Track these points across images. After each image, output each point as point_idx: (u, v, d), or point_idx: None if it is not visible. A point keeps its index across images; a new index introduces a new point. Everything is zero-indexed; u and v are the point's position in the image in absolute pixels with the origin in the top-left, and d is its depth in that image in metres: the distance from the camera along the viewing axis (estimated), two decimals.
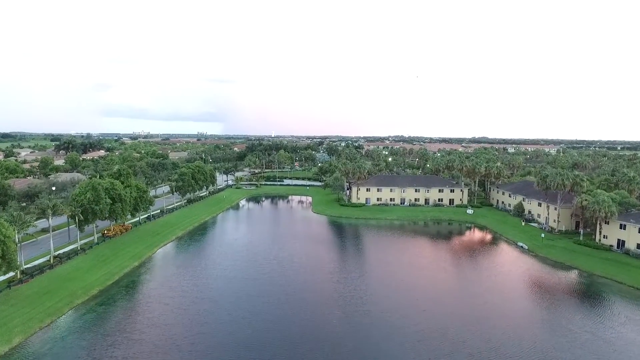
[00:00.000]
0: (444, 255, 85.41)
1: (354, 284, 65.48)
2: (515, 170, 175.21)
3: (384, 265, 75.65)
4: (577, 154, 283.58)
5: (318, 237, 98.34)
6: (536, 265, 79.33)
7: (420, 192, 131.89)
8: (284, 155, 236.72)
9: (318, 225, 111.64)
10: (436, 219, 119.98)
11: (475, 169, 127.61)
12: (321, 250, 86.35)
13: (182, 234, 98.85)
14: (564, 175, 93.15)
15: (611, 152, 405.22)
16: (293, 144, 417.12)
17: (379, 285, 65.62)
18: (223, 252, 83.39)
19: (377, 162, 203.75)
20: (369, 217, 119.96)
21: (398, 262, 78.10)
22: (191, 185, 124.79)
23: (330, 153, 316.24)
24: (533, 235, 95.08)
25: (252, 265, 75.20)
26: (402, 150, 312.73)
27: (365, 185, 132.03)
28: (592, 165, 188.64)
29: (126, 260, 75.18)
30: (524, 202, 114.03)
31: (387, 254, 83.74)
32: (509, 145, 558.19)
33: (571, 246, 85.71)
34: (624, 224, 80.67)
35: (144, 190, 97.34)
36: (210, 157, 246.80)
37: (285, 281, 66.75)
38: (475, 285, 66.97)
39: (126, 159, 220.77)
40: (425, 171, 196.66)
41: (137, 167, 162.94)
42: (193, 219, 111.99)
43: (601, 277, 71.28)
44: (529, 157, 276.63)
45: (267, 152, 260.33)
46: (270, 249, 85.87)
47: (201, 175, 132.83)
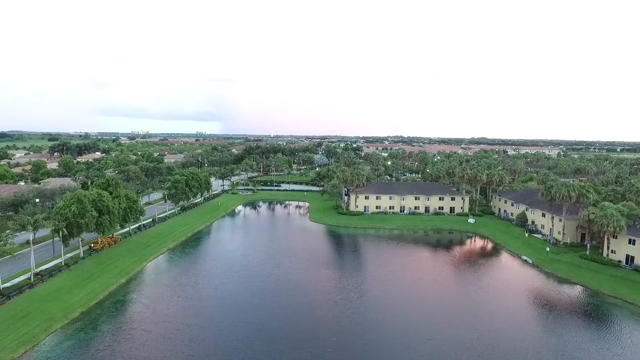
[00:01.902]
0: (447, 272, 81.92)
1: (352, 307, 61.95)
2: (517, 176, 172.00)
3: (385, 284, 72.06)
4: (578, 158, 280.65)
5: (315, 250, 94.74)
6: (542, 282, 75.96)
7: (420, 199, 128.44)
8: (281, 158, 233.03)
9: (315, 236, 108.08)
10: (437, 228, 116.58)
11: (477, 177, 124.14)
12: (318, 266, 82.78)
13: (173, 245, 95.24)
14: (569, 186, 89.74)
15: (612, 155, 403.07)
16: (291, 145, 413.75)
17: (380, 308, 62.07)
18: (215, 267, 79.80)
19: (376, 166, 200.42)
20: (367, 227, 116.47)
21: (399, 281, 74.53)
22: (184, 193, 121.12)
23: (328, 155, 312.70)
24: (538, 249, 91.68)
25: (245, 283, 71.61)
26: (401, 152, 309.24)
27: (364, 192, 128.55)
28: (595, 170, 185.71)
29: (112, 277, 71.58)
30: (528, 212, 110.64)
31: (387, 271, 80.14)
32: (509, 147, 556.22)
33: (577, 261, 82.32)
34: (634, 239, 77.29)
35: (134, 200, 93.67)
36: (206, 160, 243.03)
37: (280, 304, 63.10)
38: (481, 308, 63.41)
39: (121, 162, 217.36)
40: (425, 176, 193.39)
41: (131, 172, 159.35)
42: (186, 229, 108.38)
43: (610, 297, 67.97)
44: (530, 161, 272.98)
45: (265, 155, 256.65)
46: (264, 265, 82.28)
47: (195, 182, 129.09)
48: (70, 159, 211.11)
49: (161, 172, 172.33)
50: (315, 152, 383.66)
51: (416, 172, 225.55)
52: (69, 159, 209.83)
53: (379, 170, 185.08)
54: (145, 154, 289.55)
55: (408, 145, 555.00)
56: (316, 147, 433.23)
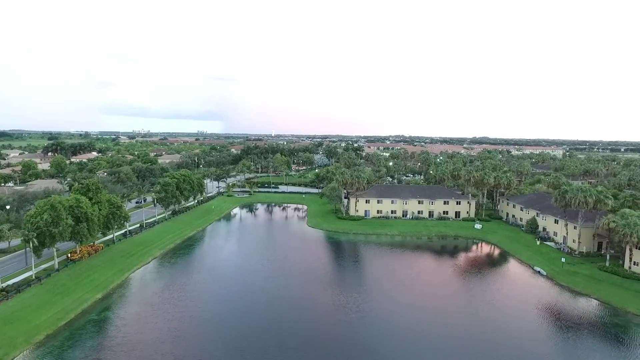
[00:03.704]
0: (455, 286, 75.45)
1: (352, 330, 55.44)
2: (524, 178, 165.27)
3: (387, 302, 65.33)
4: (585, 159, 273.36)
5: (312, 260, 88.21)
6: (559, 298, 69.34)
7: (424, 203, 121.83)
8: (280, 159, 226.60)
9: (313, 244, 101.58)
10: (441, 234, 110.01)
11: (484, 180, 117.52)
12: (315, 279, 76.27)
13: (160, 253, 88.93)
14: (586, 191, 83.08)
15: (619, 155, 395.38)
16: (291, 145, 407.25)
17: (383, 331, 55.62)
18: (202, 281, 73.41)
19: (377, 167, 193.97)
20: (368, 233, 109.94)
21: (403, 297, 67.87)
22: (175, 197, 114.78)
23: (329, 156, 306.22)
24: (551, 259, 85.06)
25: (234, 301, 65.20)
26: (403, 153, 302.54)
27: (365, 196, 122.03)
28: (605, 172, 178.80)
29: (88, 292, 65.27)
30: (538, 218, 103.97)
31: (390, 285, 73.43)
32: (511, 147, 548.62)
33: (596, 273, 75.67)
34: None
35: (118, 205, 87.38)
36: (203, 161, 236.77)
37: (270, 325, 56.70)
38: (495, 330, 56.92)
39: (115, 163, 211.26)
40: (428, 177, 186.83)
41: (122, 173, 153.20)
42: (175, 235, 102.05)
43: (637, 316, 61.35)
44: (535, 161, 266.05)
45: (264, 155, 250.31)
46: (257, 277, 75.89)
47: (187, 185, 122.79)
48: (62, 160, 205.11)
49: (154, 174, 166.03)
50: (315, 152, 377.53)
51: (418, 173, 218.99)
52: (61, 160, 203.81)
53: (381, 171, 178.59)
54: (141, 154, 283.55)
55: (410, 145, 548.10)
56: (316, 146, 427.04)
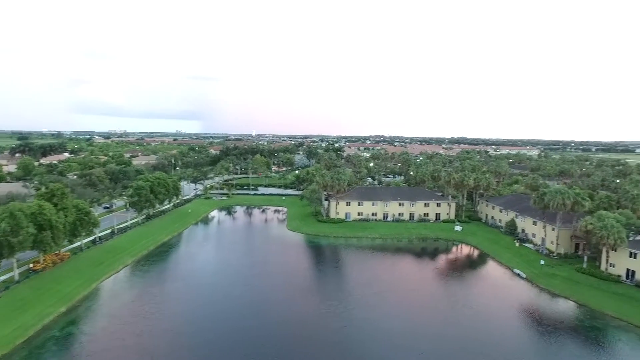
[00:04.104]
0: (436, 292, 74.75)
1: (333, 340, 53.48)
2: (502, 179, 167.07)
3: (369, 310, 63.59)
4: (560, 159, 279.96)
5: (291, 266, 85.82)
6: (538, 300, 69.32)
7: (405, 205, 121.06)
8: (260, 160, 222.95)
9: (292, 248, 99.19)
10: (422, 236, 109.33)
11: (464, 181, 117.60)
12: (294, 286, 74.03)
13: (132, 261, 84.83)
14: (564, 193, 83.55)
15: (591, 155, 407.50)
16: (271, 146, 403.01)
17: (364, 341, 53.88)
18: (175, 291, 70.04)
19: (358, 168, 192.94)
20: (349, 236, 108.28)
21: (384, 304, 66.29)
22: (149, 200, 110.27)
23: (309, 156, 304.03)
24: (530, 261, 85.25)
25: (210, 312, 62.26)
26: (383, 153, 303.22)
27: (345, 198, 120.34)
28: (579, 172, 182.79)
29: (51, 305, 61.12)
30: (517, 219, 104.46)
31: (371, 291, 71.69)
32: (489, 147, 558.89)
33: (575, 276, 76.03)
34: (635, 253, 71.38)
35: (86, 211, 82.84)
36: (180, 162, 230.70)
37: (249, 338, 54.16)
38: (475, 335, 55.89)
39: (87, 165, 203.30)
40: (408, 178, 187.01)
41: (94, 176, 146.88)
42: (149, 241, 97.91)
43: (615, 319, 61.53)
44: (512, 162, 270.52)
45: (243, 156, 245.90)
46: (234, 286, 73.14)
47: (162, 188, 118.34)
48: (30, 161, 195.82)
49: (128, 176, 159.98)
50: (296, 152, 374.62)
51: (399, 174, 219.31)
52: (29, 161, 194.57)
53: (361, 172, 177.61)
54: (116, 155, 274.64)
55: (390, 145, 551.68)
56: (297, 147, 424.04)
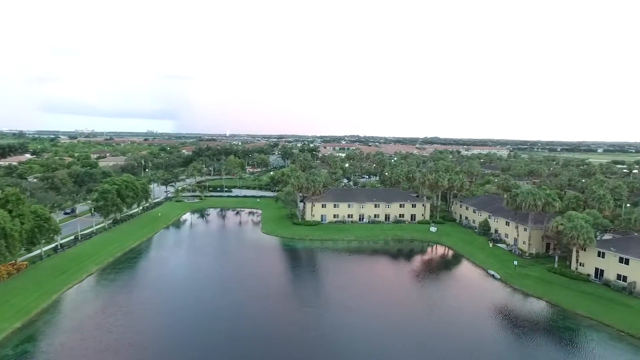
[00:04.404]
0: (412, 295, 74.32)
1: (311, 350, 51.74)
2: (474, 179, 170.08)
3: (346, 316, 62.37)
4: (528, 159, 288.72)
5: (266, 271, 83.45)
6: (512, 301, 69.98)
7: (380, 207, 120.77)
8: (234, 161, 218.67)
9: (267, 252, 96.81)
10: (398, 238, 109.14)
11: (438, 182, 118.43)
12: (269, 292, 71.81)
13: (96, 269, 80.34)
14: (536, 194, 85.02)
15: (557, 155, 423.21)
16: (245, 146, 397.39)
17: (342, 350, 52.41)
18: (143, 301, 66.42)
19: (333, 169, 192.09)
20: (325, 238, 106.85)
21: (361, 310, 65.02)
22: (116, 205, 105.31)
23: (284, 157, 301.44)
24: (504, 261, 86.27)
25: (179, 322, 59.27)
26: (358, 153, 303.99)
27: (321, 200, 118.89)
28: (547, 172, 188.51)
29: (4, 321, 56.47)
30: (490, 220, 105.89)
31: (348, 295, 70.62)
32: (461, 147, 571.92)
33: (547, 275, 77.35)
34: (603, 252, 73.20)
35: (46, 217, 77.88)
36: (151, 163, 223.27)
37: (221, 350, 51.70)
38: (452, 337, 55.44)
39: (50, 167, 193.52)
40: (383, 179, 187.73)
41: (57, 178, 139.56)
42: (115, 247, 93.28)
43: (586, 318, 62.61)
44: (483, 162, 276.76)
45: (216, 157, 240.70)
46: (205, 293, 70.23)
47: (130, 192, 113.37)
48: None
49: (94, 178, 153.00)
50: (270, 152, 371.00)
51: (374, 174, 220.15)
52: None
53: (337, 173, 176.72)
54: (82, 156, 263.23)
55: (365, 145, 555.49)
56: (272, 147, 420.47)
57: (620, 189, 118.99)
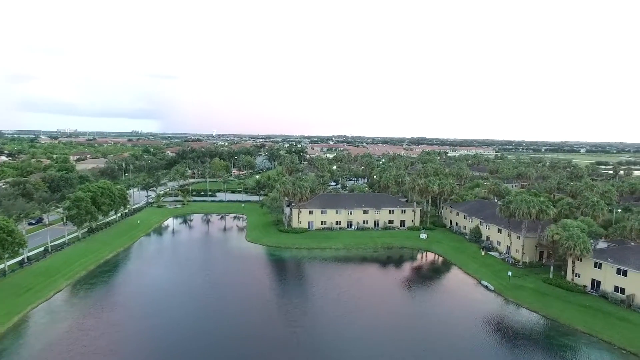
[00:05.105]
0: (403, 310, 70.62)
1: None
2: (463, 182, 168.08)
3: (335, 335, 58.53)
4: (516, 161, 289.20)
5: (250, 285, 78.78)
6: (508, 315, 66.79)
7: (369, 213, 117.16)
8: (218, 163, 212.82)
9: (252, 262, 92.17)
10: (387, 245, 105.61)
11: (429, 188, 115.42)
12: (252, 309, 67.38)
13: (66, 285, 74.73)
14: (530, 202, 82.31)
15: (543, 156, 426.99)
16: (232, 147, 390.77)
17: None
18: (115, 322, 61.18)
19: (321, 172, 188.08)
20: (312, 247, 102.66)
21: (350, 329, 61.32)
22: (90, 213, 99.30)
23: (271, 158, 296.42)
24: (497, 271, 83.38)
25: (154, 346, 54.49)
26: (346, 155, 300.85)
27: (308, 206, 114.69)
28: (535, 175, 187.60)
29: None
30: (482, 227, 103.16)
31: (336, 316, 66.73)
32: (447, 148, 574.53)
33: (542, 287, 74.59)
34: (600, 263, 70.71)
35: (10, 229, 71.93)
36: (132, 166, 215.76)
37: None
38: (446, 355, 52.02)
39: (24, 170, 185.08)
40: (371, 181, 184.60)
41: (30, 183, 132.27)
42: (89, 259, 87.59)
43: (585, 334, 59.83)
44: (471, 163, 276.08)
45: (201, 159, 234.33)
46: (184, 309, 65.43)
47: (106, 198, 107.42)
48: None
49: (71, 183, 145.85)
50: (257, 154, 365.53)
51: (362, 177, 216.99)
52: None
53: (324, 176, 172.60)
54: (60, 158, 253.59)
55: (352, 146, 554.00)
56: (259, 148, 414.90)
57: (611, 194, 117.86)
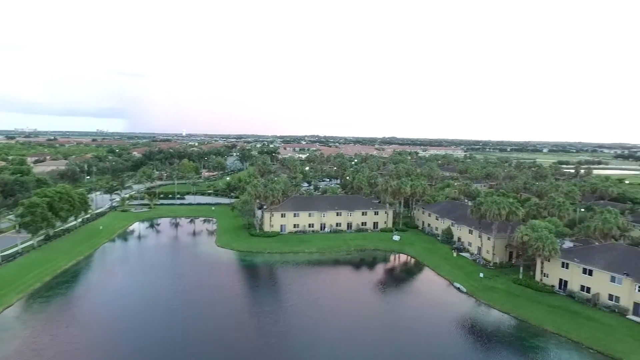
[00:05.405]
0: (376, 313, 69.65)
1: None
2: (434, 182, 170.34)
3: (309, 342, 56.71)
4: (484, 161, 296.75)
5: (220, 294, 75.66)
6: (480, 317, 67.17)
7: (342, 215, 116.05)
8: (187, 165, 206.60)
9: (221, 270, 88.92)
10: (361, 248, 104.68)
11: (401, 189, 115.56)
12: (223, 323, 64.61)
13: (17, 300, 69.05)
14: (500, 204, 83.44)
15: (509, 156, 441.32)
16: (202, 147, 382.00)
17: None
18: (69, 340, 56.82)
19: (293, 173, 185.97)
20: (285, 251, 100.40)
21: (323, 339, 59.74)
22: (46, 219, 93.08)
23: (243, 159, 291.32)
24: (469, 272, 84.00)
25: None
26: (319, 156, 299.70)
27: (280, 209, 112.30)
28: (503, 175, 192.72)
29: None
30: (453, 228, 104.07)
31: (311, 321, 65.00)
32: (418, 148, 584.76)
33: (512, 288, 75.58)
34: (567, 263, 72.29)
35: None
36: (95, 168, 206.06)
37: None
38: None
39: None
40: (344, 182, 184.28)
41: None
42: (44, 270, 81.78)
43: (554, 335, 60.70)
44: (441, 163, 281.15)
45: (169, 160, 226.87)
46: (147, 325, 61.86)
47: (65, 204, 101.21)
48: None
49: (27, 187, 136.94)
50: (229, 154, 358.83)
51: (335, 178, 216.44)
52: None
53: (297, 178, 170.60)
54: (16, 160, 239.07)
55: (325, 146, 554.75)
56: (230, 149, 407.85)
57: (574, 193, 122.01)
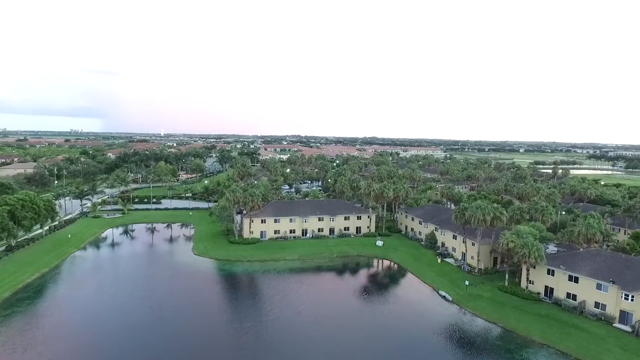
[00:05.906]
0: (359, 325, 66.71)
1: None
2: (416, 184, 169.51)
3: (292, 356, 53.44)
4: (464, 162, 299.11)
5: (196, 309, 71.42)
6: (467, 328, 65.16)
7: (325, 220, 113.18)
8: (164, 167, 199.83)
9: (198, 281, 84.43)
10: (344, 254, 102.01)
11: (384, 193, 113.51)
12: (199, 343, 60.63)
13: None
14: (484, 209, 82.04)
15: (487, 155, 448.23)
16: (180, 148, 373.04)
17: None
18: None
19: (274, 175, 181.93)
20: (265, 259, 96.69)
21: (307, 352, 56.59)
22: (7, 229, 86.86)
23: (222, 161, 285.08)
24: (454, 279, 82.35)
25: None
26: (300, 157, 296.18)
27: (260, 215, 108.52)
28: (483, 177, 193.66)
29: None
30: (437, 232, 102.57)
31: (292, 340, 61.73)
32: (399, 148, 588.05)
33: (498, 295, 74.23)
34: (552, 270, 71.36)
35: None
36: (66, 171, 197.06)
37: None
38: None
39: None
40: (325, 185, 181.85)
41: None
42: (4, 284, 75.92)
43: (542, 345, 59.37)
44: (422, 164, 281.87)
45: (144, 163, 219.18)
46: (115, 347, 57.25)
47: (28, 212, 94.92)
48: None
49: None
50: (208, 155, 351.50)
51: (316, 180, 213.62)
52: None
53: (278, 181, 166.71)
54: None
55: (306, 147, 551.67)
56: (209, 150, 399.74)
57: (554, 196, 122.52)
